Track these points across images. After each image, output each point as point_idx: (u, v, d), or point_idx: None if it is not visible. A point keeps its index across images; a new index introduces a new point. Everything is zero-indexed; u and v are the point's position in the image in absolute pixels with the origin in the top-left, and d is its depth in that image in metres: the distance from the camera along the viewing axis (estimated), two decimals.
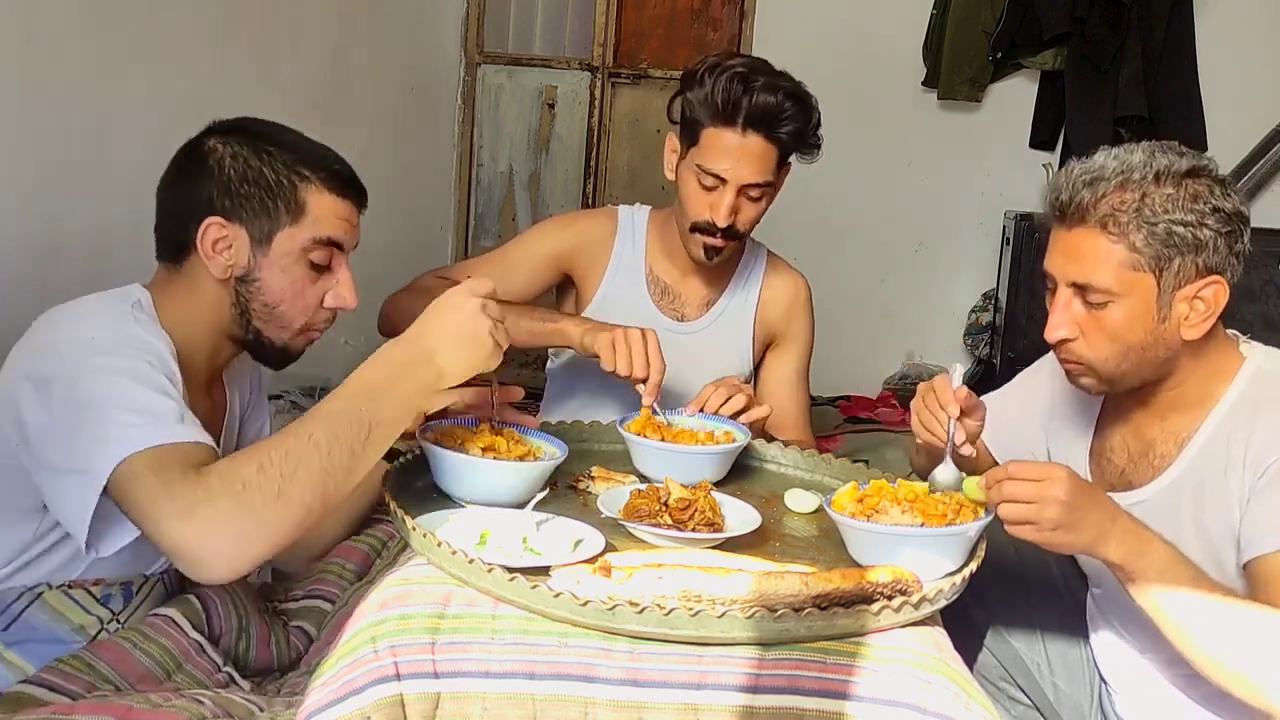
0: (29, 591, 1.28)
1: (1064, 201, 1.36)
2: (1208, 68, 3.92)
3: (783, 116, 1.77)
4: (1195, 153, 1.35)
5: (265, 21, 2.93)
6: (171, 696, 1.17)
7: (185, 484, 1.10)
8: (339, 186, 1.39)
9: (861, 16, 4.20)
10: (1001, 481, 1.21)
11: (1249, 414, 1.34)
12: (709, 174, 1.78)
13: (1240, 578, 1.32)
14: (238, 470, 1.12)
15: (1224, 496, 1.33)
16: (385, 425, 1.20)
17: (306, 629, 1.46)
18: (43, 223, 2.07)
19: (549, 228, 2.03)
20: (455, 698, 1.04)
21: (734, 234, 1.83)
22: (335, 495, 1.16)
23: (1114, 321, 1.33)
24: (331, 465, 1.15)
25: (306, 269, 1.37)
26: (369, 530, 1.61)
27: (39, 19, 2.04)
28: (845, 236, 4.33)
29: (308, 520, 1.14)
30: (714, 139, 1.77)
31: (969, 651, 1.59)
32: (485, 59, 4.41)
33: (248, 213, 1.34)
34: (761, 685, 1.04)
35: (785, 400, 2.00)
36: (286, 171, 1.35)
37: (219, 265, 1.34)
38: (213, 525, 1.09)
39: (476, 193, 4.49)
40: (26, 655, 1.26)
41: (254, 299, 1.36)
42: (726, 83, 1.74)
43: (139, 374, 1.20)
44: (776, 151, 1.80)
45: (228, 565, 1.11)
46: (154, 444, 1.14)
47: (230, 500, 1.09)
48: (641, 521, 1.28)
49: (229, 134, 1.37)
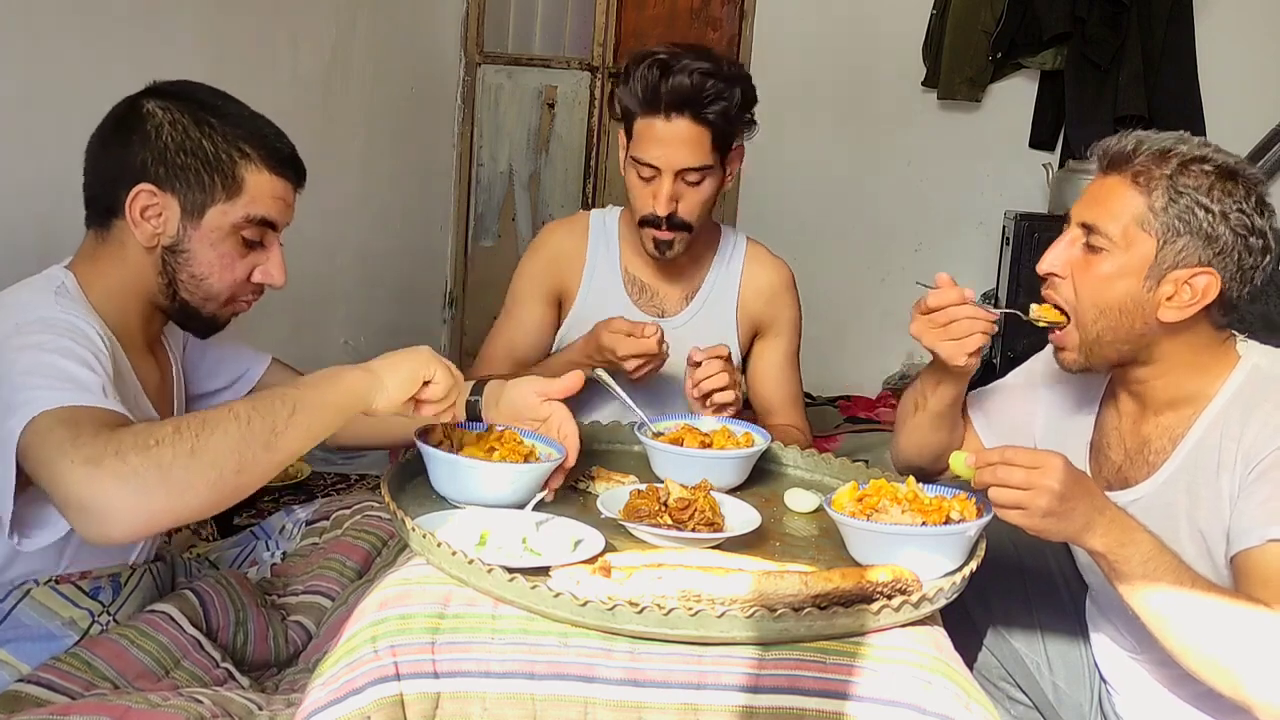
0: (17, 589, 1.27)
1: (1110, 149, 1.38)
2: (1208, 68, 3.93)
3: (704, 97, 1.75)
4: (1249, 165, 1.36)
5: (265, 22, 2.93)
6: (170, 695, 1.17)
7: (97, 437, 1.06)
8: (278, 165, 1.36)
9: (861, 16, 4.20)
10: (995, 465, 1.22)
11: (1243, 412, 1.34)
12: (644, 164, 1.79)
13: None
14: (153, 430, 1.08)
15: (1217, 493, 1.33)
16: (311, 409, 1.17)
17: (305, 624, 1.46)
18: (43, 223, 2.07)
19: (525, 261, 2.04)
20: (455, 697, 1.04)
21: (680, 224, 1.82)
22: (252, 466, 1.11)
23: (1101, 270, 1.36)
24: (249, 435, 1.10)
25: (237, 244, 1.35)
26: (370, 529, 1.61)
27: (39, 19, 2.04)
28: (845, 236, 4.34)
29: (218, 487, 1.08)
30: (644, 129, 1.78)
31: (969, 651, 1.59)
32: (485, 59, 4.41)
33: (181, 183, 1.31)
34: (761, 685, 1.04)
35: (776, 387, 2.01)
36: (227, 146, 1.32)
37: (146, 232, 1.31)
38: (116, 478, 1.03)
39: (476, 193, 4.49)
40: (19, 654, 1.26)
41: (181, 269, 1.34)
42: (645, 70, 1.75)
43: (62, 348, 1.17)
44: (707, 133, 1.78)
45: (128, 521, 1.05)
46: (68, 404, 1.10)
47: (139, 455, 1.04)
48: (641, 521, 1.28)
49: (170, 98, 1.34)
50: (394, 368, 1.26)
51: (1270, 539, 1.24)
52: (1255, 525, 1.26)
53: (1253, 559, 1.26)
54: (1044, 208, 3.98)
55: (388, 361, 1.27)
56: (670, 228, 1.82)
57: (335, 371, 1.23)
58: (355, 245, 3.51)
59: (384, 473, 1.39)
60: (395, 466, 1.41)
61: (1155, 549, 1.24)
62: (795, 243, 4.26)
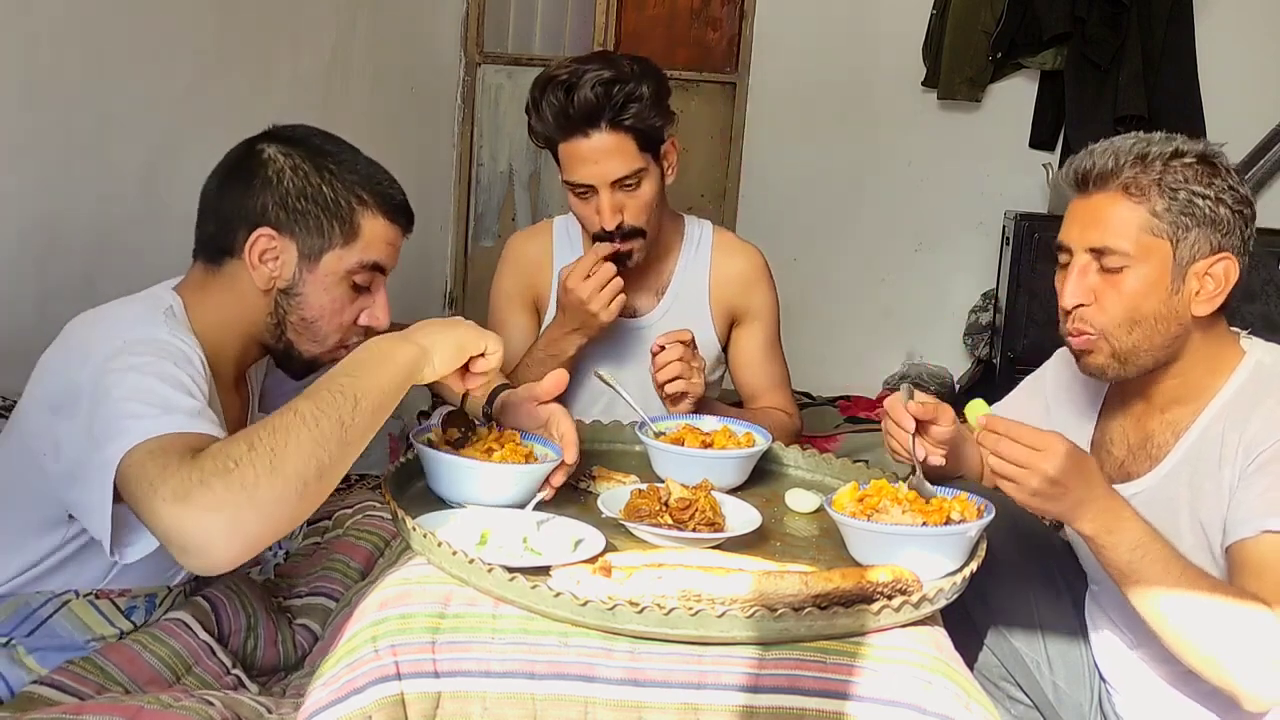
0: (56, 598, 1.28)
1: (1086, 169, 1.39)
2: (1208, 68, 3.93)
3: (613, 105, 1.73)
4: (1207, 141, 1.38)
5: (265, 22, 2.93)
6: (181, 697, 1.17)
7: (181, 468, 1.05)
8: (392, 213, 1.38)
9: (861, 16, 4.20)
10: (1000, 437, 1.24)
11: (1245, 407, 1.35)
12: (578, 185, 1.80)
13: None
14: (229, 450, 1.07)
15: (1218, 487, 1.34)
16: (371, 395, 1.16)
17: (311, 626, 1.46)
18: (43, 223, 2.07)
19: (498, 275, 2.05)
20: (455, 697, 1.04)
21: (631, 231, 1.82)
22: (331, 467, 1.11)
23: (1129, 287, 1.36)
24: (321, 435, 1.10)
25: (348, 289, 1.37)
26: (372, 529, 1.61)
27: (39, 19, 2.04)
28: (845, 236, 4.34)
29: (305, 495, 1.09)
30: (568, 152, 1.78)
31: (969, 651, 1.59)
32: (485, 59, 4.42)
33: (301, 228, 1.33)
34: (761, 685, 1.04)
35: (758, 373, 2.01)
36: (346, 193, 1.34)
37: (263, 275, 1.33)
38: (207, 509, 1.03)
39: (476, 193, 4.49)
40: (43, 661, 1.26)
41: (293, 312, 1.36)
42: (551, 96, 1.75)
43: (163, 373, 1.18)
44: (629, 138, 1.76)
45: (225, 549, 1.05)
46: (160, 433, 1.11)
47: (222, 481, 1.04)
48: (642, 521, 1.28)
49: (289, 144, 1.35)
50: (440, 341, 1.26)
51: (1266, 530, 1.25)
52: (1252, 516, 1.27)
53: (1247, 549, 1.27)
54: (1044, 208, 3.99)
55: (430, 334, 1.26)
56: (623, 238, 1.82)
57: (382, 350, 1.22)
58: None
59: (384, 473, 1.40)
60: (395, 466, 1.41)
61: (1146, 536, 1.25)
62: (795, 243, 4.30)
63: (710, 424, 1.61)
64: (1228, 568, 1.30)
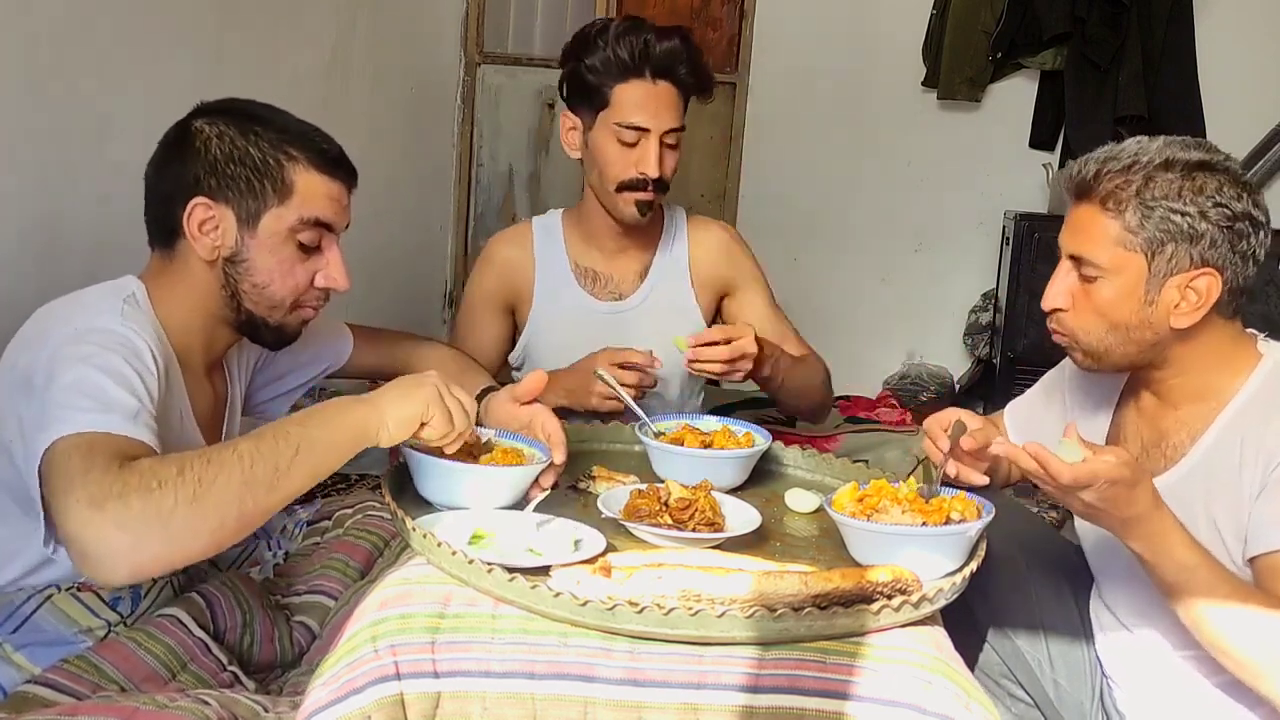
0: (39, 594, 1.28)
1: (1074, 178, 1.40)
2: (1208, 68, 3.93)
3: (683, 60, 1.84)
4: (1216, 149, 1.36)
5: (265, 21, 2.93)
6: (177, 697, 1.17)
7: (105, 474, 1.04)
8: (327, 166, 1.37)
9: (861, 16, 4.20)
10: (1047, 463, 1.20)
11: (1264, 410, 1.35)
12: (630, 128, 1.84)
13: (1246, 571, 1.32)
14: (157, 469, 1.06)
15: (1236, 492, 1.34)
16: (316, 448, 1.15)
17: (309, 624, 1.46)
18: (43, 223, 2.07)
19: (476, 274, 2.07)
20: (455, 697, 1.04)
21: (663, 185, 1.88)
22: (254, 511, 1.10)
23: (1102, 298, 1.37)
24: (253, 478, 1.09)
25: (295, 249, 1.36)
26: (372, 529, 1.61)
27: (39, 19, 2.04)
28: (845, 236, 4.34)
29: (219, 533, 1.07)
30: (627, 94, 1.84)
31: (970, 650, 1.59)
32: (485, 59, 4.41)
33: (234, 193, 1.32)
34: (761, 685, 1.04)
35: (771, 333, 2.02)
36: (273, 151, 1.34)
37: (206, 246, 1.33)
38: (116, 524, 1.02)
39: (476, 193, 4.49)
40: (34, 658, 1.26)
41: (243, 279, 1.35)
42: (626, 37, 1.82)
43: (108, 366, 1.17)
44: (682, 97, 1.87)
45: (122, 567, 1.04)
46: (93, 429, 1.09)
47: (140, 499, 1.03)
48: (641, 521, 1.28)
49: (216, 114, 1.36)
50: (398, 404, 1.24)
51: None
52: (1275, 527, 1.28)
53: (1273, 561, 1.27)
54: (1044, 208, 3.99)
55: (392, 397, 1.24)
56: (655, 189, 1.87)
57: (340, 406, 1.21)
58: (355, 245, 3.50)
59: (384, 473, 1.40)
60: (395, 466, 1.41)
61: (1193, 559, 1.24)
62: (795, 243, 4.31)
63: (710, 424, 1.61)
64: (1253, 578, 1.30)
